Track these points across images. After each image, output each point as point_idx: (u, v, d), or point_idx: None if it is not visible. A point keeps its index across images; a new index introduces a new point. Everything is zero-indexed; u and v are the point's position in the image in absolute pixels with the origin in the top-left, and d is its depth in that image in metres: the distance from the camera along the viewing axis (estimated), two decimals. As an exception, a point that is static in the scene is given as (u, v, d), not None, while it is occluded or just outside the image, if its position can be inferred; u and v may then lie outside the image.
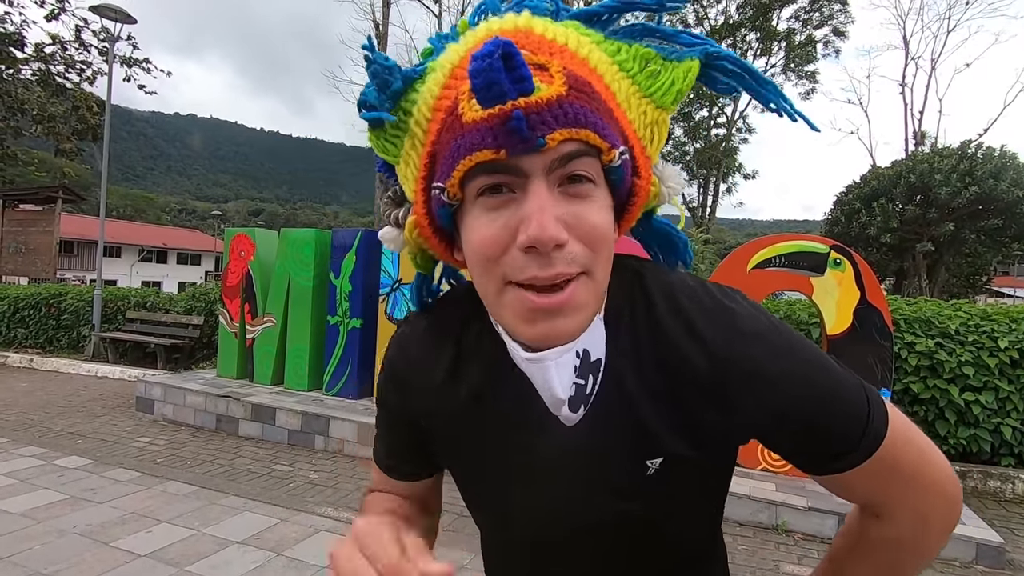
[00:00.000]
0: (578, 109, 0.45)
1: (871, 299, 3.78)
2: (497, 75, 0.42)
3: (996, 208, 15.95)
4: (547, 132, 0.44)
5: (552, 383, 0.51)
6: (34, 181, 17.11)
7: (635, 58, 0.53)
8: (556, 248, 0.46)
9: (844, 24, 25.05)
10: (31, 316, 9.53)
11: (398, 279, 5.15)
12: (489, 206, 0.48)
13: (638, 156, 0.52)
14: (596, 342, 0.52)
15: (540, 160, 0.45)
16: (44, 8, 13.24)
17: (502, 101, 0.43)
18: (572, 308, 0.48)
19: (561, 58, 0.48)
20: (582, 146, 0.46)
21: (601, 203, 0.49)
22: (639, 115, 0.53)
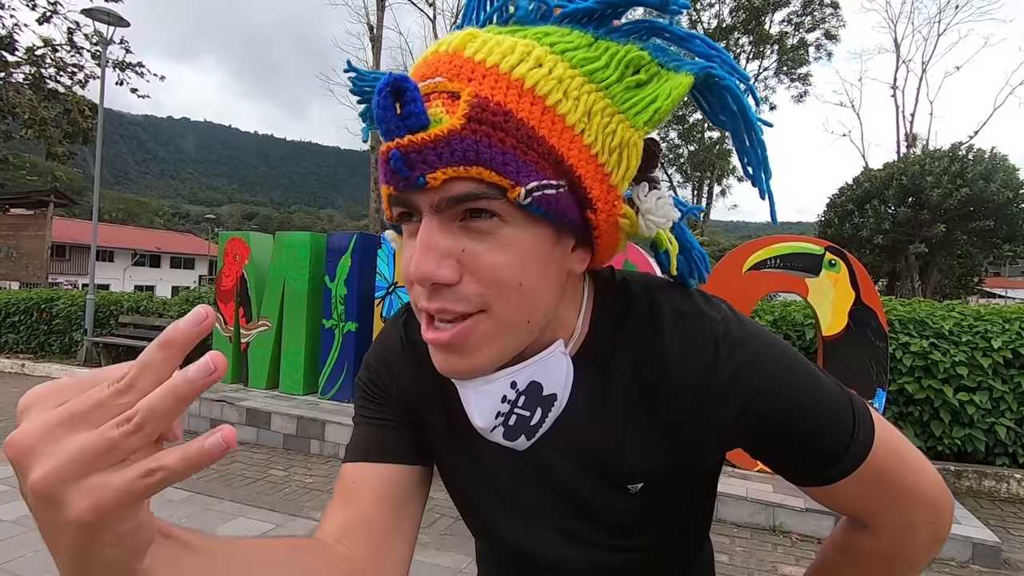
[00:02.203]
0: (470, 145, 0.42)
1: (866, 300, 3.80)
2: (385, 112, 0.42)
3: (987, 210, 16.12)
4: (427, 171, 0.42)
5: (470, 408, 0.51)
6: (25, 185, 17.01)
7: (619, 63, 0.47)
8: (440, 286, 0.45)
9: (836, 28, 25.31)
10: (22, 321, 9.45)
11: (394, 282, 5.14)
12: (407, 232, 0.49)
13: (590, 186, 0.46)
14: (552, 377, 0.51)
15: (427, 198, 0.44)
16: (36, 11, 13.17)
17: (390, 138, 0.43)
18: (463, 346, 0.47)
19: (480, 83, 0.43)
20: (476, 184, 0.43)
21: (508, 241, 0.45)
22: (603, 136, 0.46)
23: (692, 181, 27.51)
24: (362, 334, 5.32)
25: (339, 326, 5.43)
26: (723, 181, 27.37)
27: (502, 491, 0.61)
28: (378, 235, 5.52)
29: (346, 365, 5.38)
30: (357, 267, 5.38)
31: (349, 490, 0.58)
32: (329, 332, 5.49)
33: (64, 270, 35.66)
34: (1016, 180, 16.28)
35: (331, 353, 5.46)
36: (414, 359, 0.61)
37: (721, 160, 26.05)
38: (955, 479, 4.30)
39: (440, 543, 3.14)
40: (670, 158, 27.46)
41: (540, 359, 0.51)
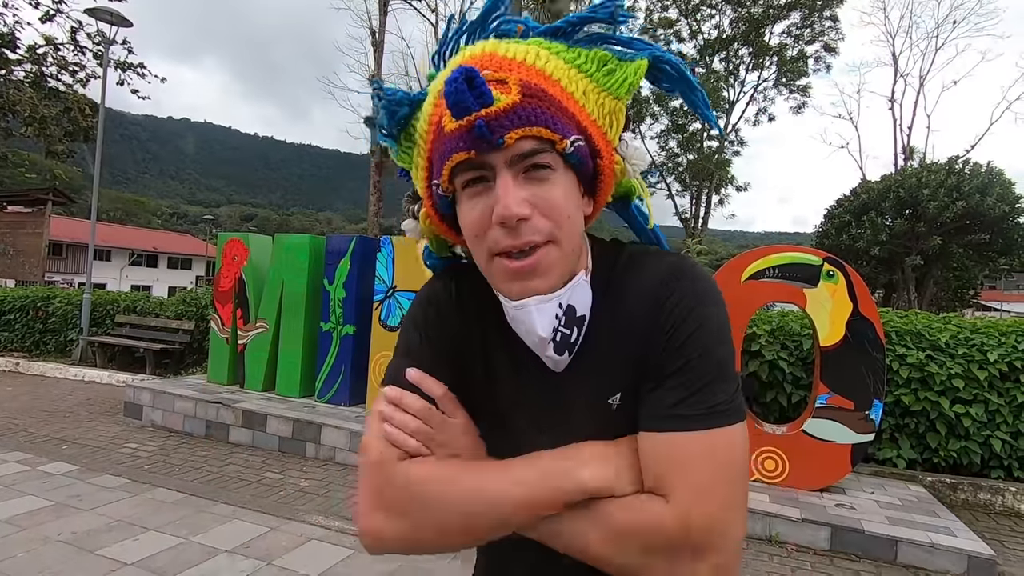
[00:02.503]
0: (530, 111, 0.57)
1: (864, 311, 3.81)
2: (462, 95, 0.55)
3: (983, 223, 16.19)
4: (504, 133, 0.56)
5: (534, 324, 0.62)
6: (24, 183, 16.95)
7: (593, 60, 0.64)
8: (521, 222, 0.58)
9: (835, 40, 25.48)
10: (18, 319, 9.41)
11: (392, 286, 5.13)
12: (471, 194, 0.61)
13: (598, 141, 0.63)
14: (582, 300, 0.64)
15: (503, 156, 0.57)
16: (39, 9, 13.17)
17: (468, 113, 0.56)
18: (541, 269, 0.60)
19: (518, 72, 0.58)
20: (537, 141, 0.57)
21: (561, 184, 0.60)
22: (597, 107, 0.63)
23: (691, 190, 27.59)
24: (360, 337, 5.31)
25: (337, 329, 5.42)
26: (721, 190, 27.45)
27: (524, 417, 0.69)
28: (377, 239, 5.52)
29: (343, 368, 5.36)
30: (356, 270, 5.38)
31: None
32: (327, 335, 5.47)
33: (61, 268, 35.51)
34: (1012, 194, 16.36)
35: (328, 356, 5.45)
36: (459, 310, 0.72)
37: (720, 169, 26.14)
38: (951, 491, 4.30)
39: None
40: (669, 167, 27.54)
41: (572, 286, 0.64)
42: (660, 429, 0.59)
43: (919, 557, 3.17)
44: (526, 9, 8.47)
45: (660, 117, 26.98)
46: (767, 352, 4.74)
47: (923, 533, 3.29)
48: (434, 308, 0.73)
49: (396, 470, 0.63)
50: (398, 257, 5.14)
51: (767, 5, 25.06)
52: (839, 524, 3.34)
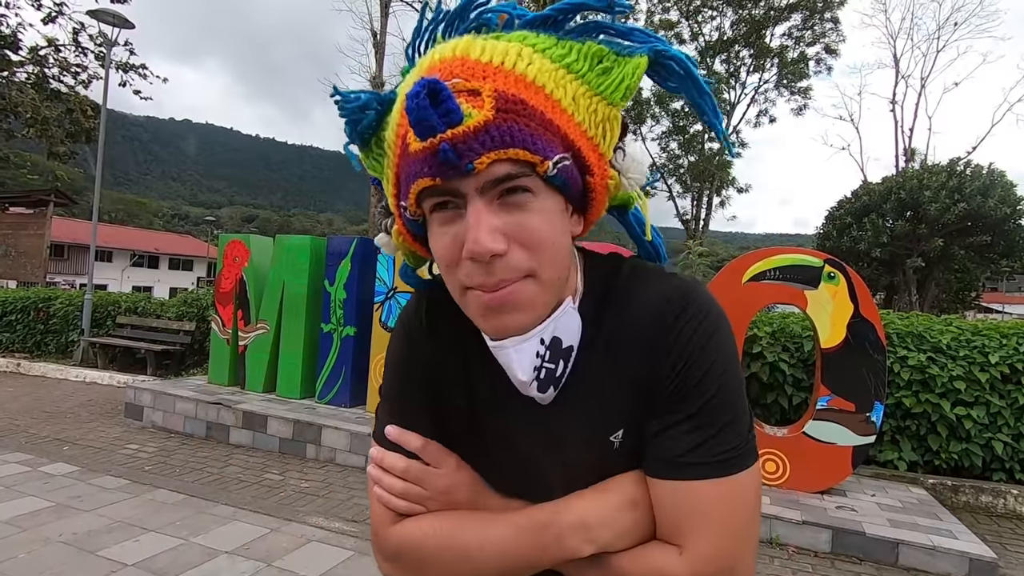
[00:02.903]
0: (505, 130, 0.49)
1: (864, 313, 3.81)
2: (425, 112, 0.47)
3: (984, 225, 16.18)
4: (474, 158, 0.49)
5: (512, 367, 0.57)
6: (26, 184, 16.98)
7: (586, 57, 0.55)
8: (495, 258, 0.51)
9: (836, 42, 25.47)
10: (19, 320, 9.42)
11: (393, 287, 5.13)
12: (441, 220, 0.54)
13: (588, 155, 0.55)
14: (569, 330, 0.59)
15: (474, 182, 0.50)
16: (41, 11, 13.20)
17: (432, 134, 0.48)
18: (515, 305, 0.54)
19: (494, 80, 0.50)
20: (513, 164, 0.50)
21: (542, 209, 0.53)
22: (589, 114, 0.55)
23: (692, 192, 27.58)
24: (360, 339, 5.31)
25: (338, 330, 5.43)
26: (722, 192, 27.44)
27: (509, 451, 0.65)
28: (378, 240, 5.52)
29: (344, 369, 5.37)
30: (357, 272, 5.38)
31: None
32: (327, 336, 5.48)
33: (62, 270, 35.57)
34: (1013, 196, 16.37)
35: (329, 357, 5.45)
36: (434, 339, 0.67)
37: (721, 171, 26.13)
38: (952, 494, 4.29)
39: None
40: (670, 168, 27.54)
41: (557, 316, 0.58)
42: (674, 477, 0.56)
43: (920, 560, 3.16)
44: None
45: (661, 119, 27.00)
46: (768, 354, 4.73)
47: (924, 536, 3.28)
48: (408, 341, 0.69)
49: (390, 533, 0.64)
50: (399, 258, 5.12)
51: (768, 7, 25.07)
52: (840, 526, 3.33)
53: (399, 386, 0.68)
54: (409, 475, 0.64)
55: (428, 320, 0.68)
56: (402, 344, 0.69)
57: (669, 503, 0.56)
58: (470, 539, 0.61)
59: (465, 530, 0.61)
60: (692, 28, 26.61)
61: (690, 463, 0.56)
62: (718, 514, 0.55)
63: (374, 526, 0.67)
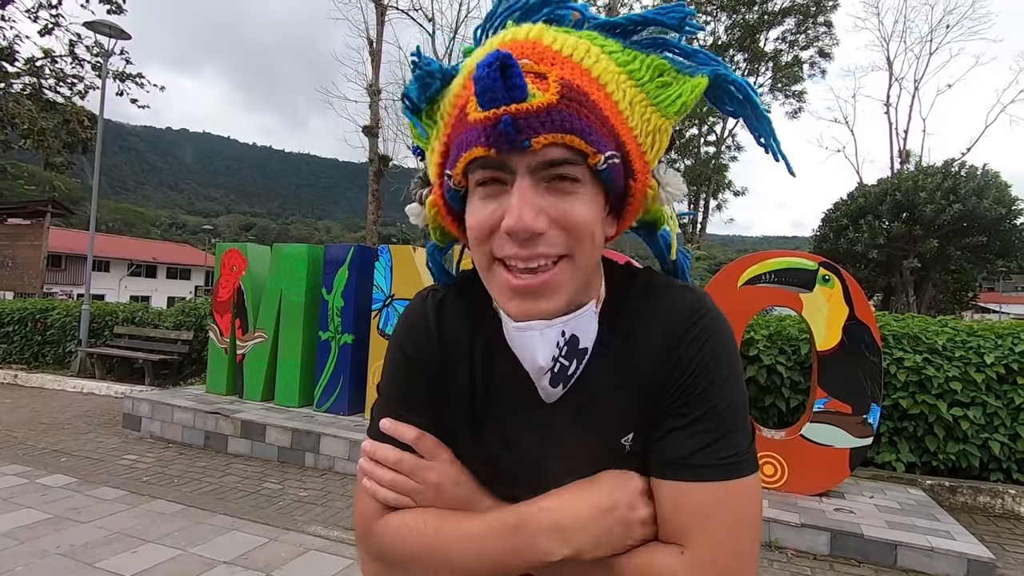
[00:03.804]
0: (566, 116, 0.50)
1: (860, 315, 3.82)
2: (493, 83, 0.48)
3: (980, 225, 16.24)
4: (532, 136, 0.50)
5: (535, 351, 0.58)
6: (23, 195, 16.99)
7: (648, 68, 0.58)
8: (533, 236, 0.52)
9: (829, 46, 25.65)
10: (16, 331, 9.40)
11: (390, 294, 5.14)
12: (484, 195, 0.55)
13: (635, 160, 0.56)
14: (586, 332, 0.59)
15: (526, 160, 0.51)
16: (38, 23, 13.25)
17: (496, 106, 0.49)
18: (550, 289, 0.55)
19: (562, 68, 0.52)
20: (567, 150, 0.51)
21: (585, 199, 0.54)
22: (642, 122, 0.57)
23: (689, 195, 27.66)
24: (358, 346, 5.32)
25: (335, 338, 5.43)
26: (719, 195, 27.53)
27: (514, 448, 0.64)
28: (375, 247, 5.54)
29: (342, 377, 5.36)
30: (354, 279, 5.39)
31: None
32: (325, 344, 5.48)
33: (59, 280, 35.50)
34: (1008, 196, 16.43)
35: (327, 365, 5.45)
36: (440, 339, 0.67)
37: (717, 174, 26.23)
38: (950, 495, 4.30)
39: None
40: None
41: (578, 315, 0.58)
42: (679, 478, 0.57)
43: (919, 561, 3.17)
44: None
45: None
46: (765, 357, 4.74)
47: (922, 537, 3.29)
48: (410, 340, 0.68)
49: (376, 526, 0.65)
50: (396, 266, 5.15)
51: (762, 11, 25.24)
52: (838, 529, 3.33)
53: (398, 384, 0.68)
54: (402, 467, 0.64)
55: (435, 315, 0.68)
56: (404, 343, 0.69)
57: (672, 504, 0.57)
58: (451, 537, 0.61)
59: (447, 527, 0.61)
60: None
61: (694, 464, 0.57)
62: (720, 517, 0.56)
63: (360, 521, 0.66)
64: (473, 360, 0.65)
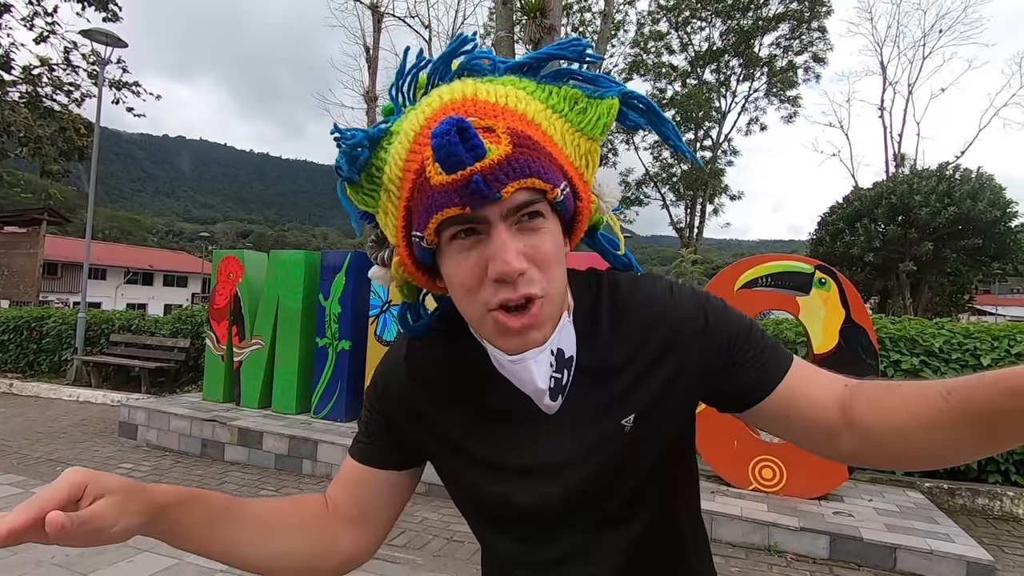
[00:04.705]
0: (523, 162, 0.55)
1: (856, 318, 3.83)
2: (455, 148, 0.52)
3: (975, 228, 16.30)
4: (500, 187, 0.54)
5: (534, 377, 0.62)
6: (19, 203, 16.94)
7: (565, 99, 0.63)
8: (518, 277, 0.56)
9: (823, 51, 25.78)
10: (12, 340, 9.36)
11: (388, 301, 5.14)
12: (462, 247, 0.58)
13: (577, 183, 0.62)
14: (568, 341, 0.64)
15: (498, 208, 0.55)
16: (33, 31, 13.25)
17: (462, 168, 0.53)
18: (539, 324, 0.59)
19: (504, 118, 0.57)
20: (530, 192, 0.56)
21: (550, 232, 0.59)
22: (574, 148, 0.63)
23: (685, 200, 27.75)
24: (356, 353, 5.31)
25: (333, 345, 5.42)
26: (715, 200, 27.61)
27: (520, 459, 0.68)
28: (372, 253, 5.53)
29: (339, 384, 5.35)
30: (352, 286, 5.38)
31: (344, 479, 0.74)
32: (323, 351, 5.46)
33: (55, 288, 35.36)
34: (1003, 199, 16.50)
35: (324, 372, 5.43)
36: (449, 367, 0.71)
37: (713, 179, 26.31)
38: (949, 497, 4.30)
39: (432, 564, 3.11)
40: (663, 177, 27.72)
41: (559, 329, 0.63)
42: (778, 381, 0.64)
43: (918, 564, 3.17)
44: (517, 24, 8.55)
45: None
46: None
47: (922, 540, 3.29)
48: (386, 373, 0.74)
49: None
50: (392, 288, 5.14)
51: (756, 17, 25.41)
52: (838, 532, 3.33)
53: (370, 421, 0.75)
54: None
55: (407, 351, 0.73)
56: (377, 376, 0.75)
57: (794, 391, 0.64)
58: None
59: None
60: (682, 39, 26.93)
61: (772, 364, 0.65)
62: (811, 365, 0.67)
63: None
64: (460, 386, 0.69)
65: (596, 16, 23.55)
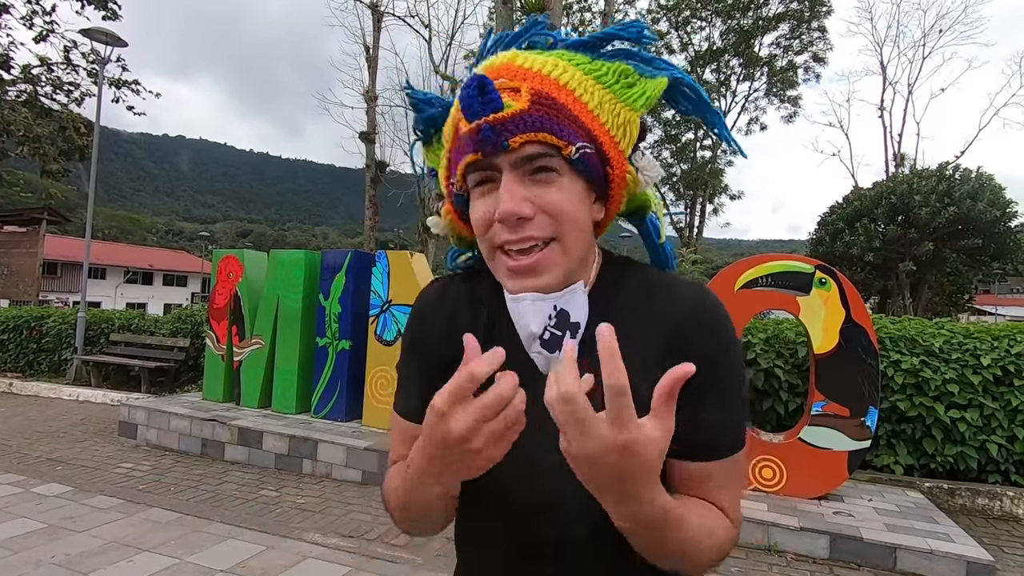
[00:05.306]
0: (536, 118, 0.60)
1: (856, 318, 3.83)
2: (472, 100, 0.59)
3: (975, 228, 16.29)
4: (509, 137, 0.59)
5: (527, 319, 0.65)
6: (19, 202, 16.92)
7: (613, 72, 0.67)
8: (522, 220, 0.60)
9: (823, 51, 25.82)
10: (11, 339, 9.35)
11: (388, 300, 5.14)
12: (480, 194, 0.64)
13: (609, 150, 0.64)
14: (576, 308, 0.66)
15: (508, 158, 0.61)
16: (33, 30, 13.23)
17: (478, 118, 0.60)
18: (541, 268, 0.63)
19: (532, 81, 0.62)
20: (542, 146, 0.60)
21: (563, 186, 0.62)
22: (612, 116, 0.65)
23: (685, 200, 27.77)
24: (356, 352, 5.30)
25: (333, 344, 5.42)
26: (715, 199, 27.63)
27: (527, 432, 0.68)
28: (372, 253, 5.53)
29: (339, 383, 5.35)
30: (352, 285, 5.38)
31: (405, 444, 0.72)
32: (323, 350, 5.46)
33: (55, 287, 35.36)
34: (1003, 199, 16.49)
35: (324, 371, 5.43)
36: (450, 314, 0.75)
37: (713, 179, 26.33)
38: (948, 497, 4.30)
39: (433, 564, 3.11)
40: (663, 176, 27.70)
41: (568, 292, 0.66)
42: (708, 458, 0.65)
43: (918, 564, 3.17)
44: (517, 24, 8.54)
45: (653, 128, 27.21)
46: (762, 360, 4.75)
47: (922, 540, 3.29)
48: (415, 323, 0.79)
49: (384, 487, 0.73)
50: (393, 271, 5.15)
51: (756, 17, 25.42)
52: (838, 532, 3.33)
53: (401, 369, 0.79)
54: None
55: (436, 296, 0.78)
56: (408, 328, 0.80)
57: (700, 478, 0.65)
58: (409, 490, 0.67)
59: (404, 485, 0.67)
60: (682, 38, 26.95)
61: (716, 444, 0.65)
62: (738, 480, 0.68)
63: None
64: (477, 326, 0.72)
65: (596, 16, 23.54)
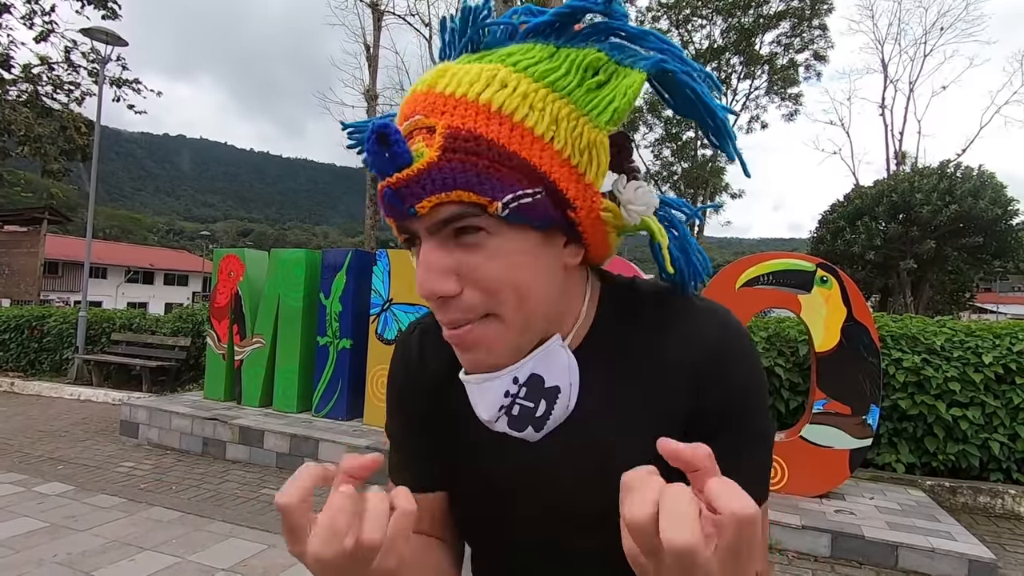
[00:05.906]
0: (447, 172, 0.46)
1: (858, 316, 3.82)
2: (375, 156, 0.47)
3: (976, 226, 16.29)
4: (416, 202, 0.48)
5: (474, 402, 0.57)
6: (20, 202, 16.95)
7: (578, 70, 0.50)
8: (444, 299, 0.50)
9: (824, 49, 25.73)
10: (13, 339, 9.37)
11: (389, 299, 5.14)
12: (415, 255, 0.53)
13: (566, 187, 0.50)
14: (553, 370, 0.56)
15: (421, 223, 0.50)
16: (33, 30, 13.24)
17: (383, 177, 0.49)
18: (474, 346, 0.52)
19: (451, 115, 0.47)
20: (459, 205, 0.47)
21: (499, 249, 0.49)
22: (572, 139, 0.50)
23: (686, 198, 27.66)
24: (357, 351, 5.30)
25: (334, 343, 5.42)
26: (716, 198, 27.58)
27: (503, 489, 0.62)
28: (373, 252, 5.53)
29: (340, 382, 5.35)
30: (352, 284, 5.38)
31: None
32: (324, 349, 5.46)
33: (56, 287, 35.40)
34: (1004, 197, 16.50)
35: (325, 370, 5.43)
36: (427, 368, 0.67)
37: (714, 177, 26.28)
38: (950, 495, 4.29)
39: None
40: (664, 175, 27.72)
41: (539, 353, 0.55)
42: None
43: (920, 562, 3.16)
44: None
45: (654, 126, 27.22)
46: (764, 358, 4.74)
47: (923, 538, 3.28)
48: (399, 372, 0.70)
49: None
50: (394, 270, 5.14)
51: (757, 15, 25.36)
52: (839, 530, 3.33)
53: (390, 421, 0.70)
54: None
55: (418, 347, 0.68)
56: (393, 376, 0.71)
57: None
58: None
59: None
60: (682, 37, 26.87)
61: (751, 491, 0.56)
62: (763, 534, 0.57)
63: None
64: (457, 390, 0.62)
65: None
